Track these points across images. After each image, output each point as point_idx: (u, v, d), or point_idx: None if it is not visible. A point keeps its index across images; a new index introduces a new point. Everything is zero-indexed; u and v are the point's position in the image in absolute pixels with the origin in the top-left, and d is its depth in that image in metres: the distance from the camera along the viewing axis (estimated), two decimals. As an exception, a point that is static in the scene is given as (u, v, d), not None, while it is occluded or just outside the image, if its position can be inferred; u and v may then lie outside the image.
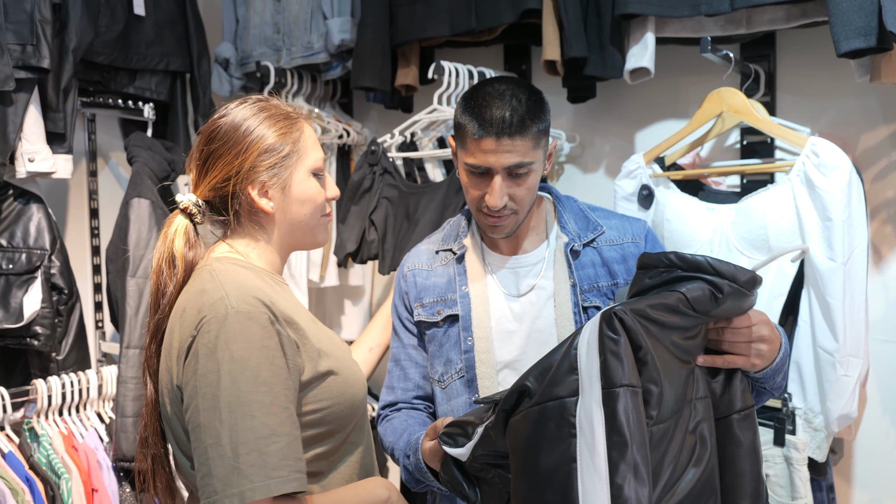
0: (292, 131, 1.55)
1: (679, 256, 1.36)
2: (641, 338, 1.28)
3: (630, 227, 1.88)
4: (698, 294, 1.31)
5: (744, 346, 1.44)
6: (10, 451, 2.41)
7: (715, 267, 1.33)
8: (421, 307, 1.89)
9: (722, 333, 1.44)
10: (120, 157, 3.20)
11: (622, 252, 1.84)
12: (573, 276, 1.80)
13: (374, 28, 2.74)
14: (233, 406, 1.32)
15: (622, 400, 1.24)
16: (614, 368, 1.26)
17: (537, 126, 1.69)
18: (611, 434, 1.24)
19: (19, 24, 2.47)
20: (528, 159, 1.69)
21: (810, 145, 2.07)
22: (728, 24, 2.29)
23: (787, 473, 2.12)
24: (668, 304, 1.32)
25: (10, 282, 2.63)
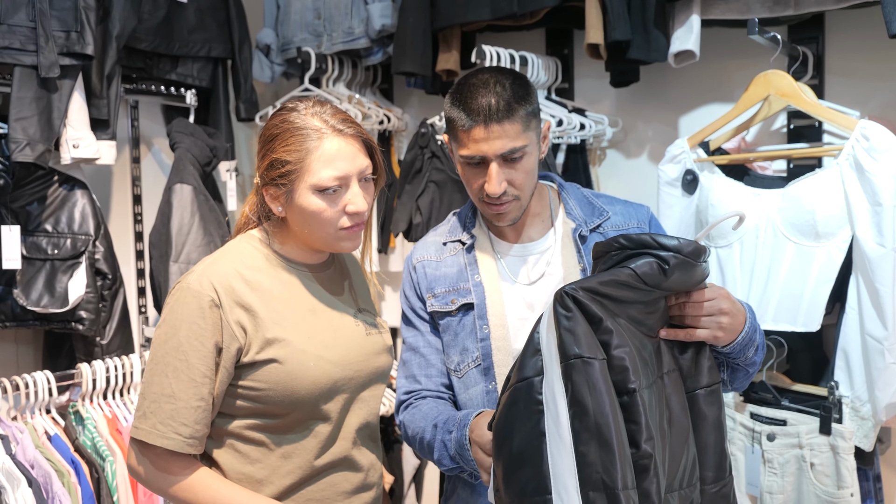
0: (301, 148, 1.58)
1: (626, 237, 1.42)
2: (597, 310, 1.34)
3: (634, 212, 1.88)
4: (646, 269, 1.37)
5: (705, 320, 1.47)
6: (56, 433, 2.45)
7: (659, 241, 1.38)
8: (433, 297, 1.88)
9: (683, 308, 1.48)
10: (162, 144, 3.23)
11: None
12: (583, 260, 1.79)
13: (415, 13, 2.73)
14: (156, 361, 1.57)
15: (578, 370, 1.30)
16: (568, 342, 1.32)
17: (525, 109, 1.69)
18: (572, 404, 1.30)
19: (64, 11, 2.49)
20: (520, 143, 1.69)
21: (860, 128, 2.03)
22: (776, 6, 2.25)
23: (834, 462, 2.10)
24: (618, 280, 1.37)
25: (55, 267, 2.66)
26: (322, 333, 1.65)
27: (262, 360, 1.58)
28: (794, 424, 2.19)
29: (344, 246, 1.66)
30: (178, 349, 1.55)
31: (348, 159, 1.60)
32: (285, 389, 1.58)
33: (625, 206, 1.89)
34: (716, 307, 1.47)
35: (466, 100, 1.69)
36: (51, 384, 2.47)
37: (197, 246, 2.67)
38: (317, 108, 1.62)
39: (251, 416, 1.61)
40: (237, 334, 1.57)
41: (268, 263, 1.66)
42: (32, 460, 2.30)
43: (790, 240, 2.14)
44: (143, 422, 1.55)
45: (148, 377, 1.58)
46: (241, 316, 1.58)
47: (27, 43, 2.43)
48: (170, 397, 1.54)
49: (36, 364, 2.88)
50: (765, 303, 2.18)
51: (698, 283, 1.47)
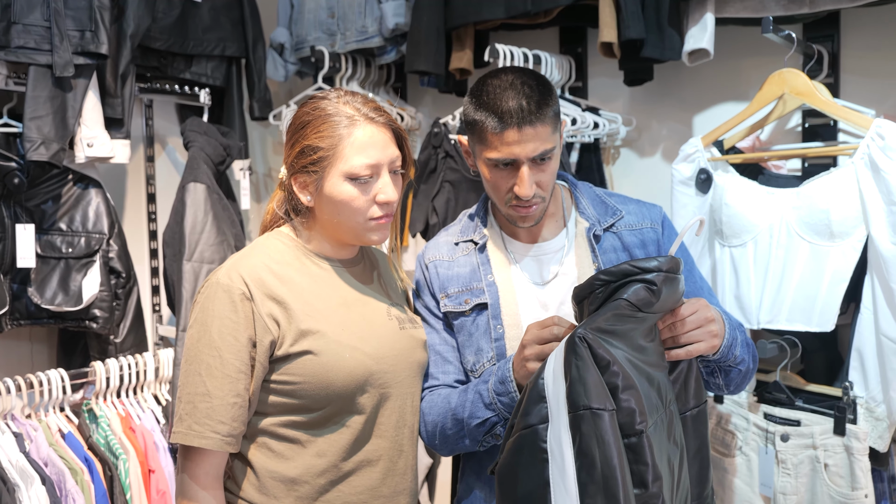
0: (333, 134, 1.59)
1: (606, 272, 1.43)
2: (606, 353, 1.34)
3: (648, 212, 1.87)
4: (639, 295, 1.39)
5: (697, 333, 1.50)
6: (70, 431, 2.46)
7: (640, 266, 1.41)
8: (447, 297, 1.87)
9: (673, 328, 1.50)
10: (176, 142, 3.24)
11: (641, 237, 1.83)
12: (597, 259, 1.79)
13: (428, 11, 2.73)
14: (189, 360, 1.56)
15: (587, 422, 1.30)
16: (578, 393, 1.31)
17: (552, 109, 1.69)
18: (579, 455, 1.30)
19: (78, 10, 2.50)
20: (551, 145, 1.69)
21: (875, 127, 2.02)
22: (790, 4, 2.24)
23: (848, 463, 2.09)
24: (617, 314, 1.38)
25: (69, 265, 2.68)
26: (356, 325, 1.64)
27: (297, 352, 1.57)
28: (808, 425, 2.18)
29: (371, 238, 1.66)
30: (210, 346, 1.54)
31: (380, 148, 1.61)
32: (321, 381, 1.57)
33: (638, 205, 1.89)
34: (702, 317, 1.50)
35: (495, 102, 1.66)
36: (65, 382, 2.49)
37: (210, 245, 2.68)
38: (348, 97, 1.64)
39: (285, 413, 1.60)
40: (270, 327, 1.56)
41: (297, 258, 1.66)
42: (46, 458, 2.32)
43: (804, 239, 2.13)
44: (179, 425, 1.55)
45: (183, 378, 1.57)
46: (273, 308, 1.57)
47: (42, 42, 2.44)
48: (204, 395, 1.53)
49: (50, 362, 2.90)
50: (779, 303, 2.17)
51: (679, 300, 1.49)
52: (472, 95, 1.73)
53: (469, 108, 1.72)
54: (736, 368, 1.63)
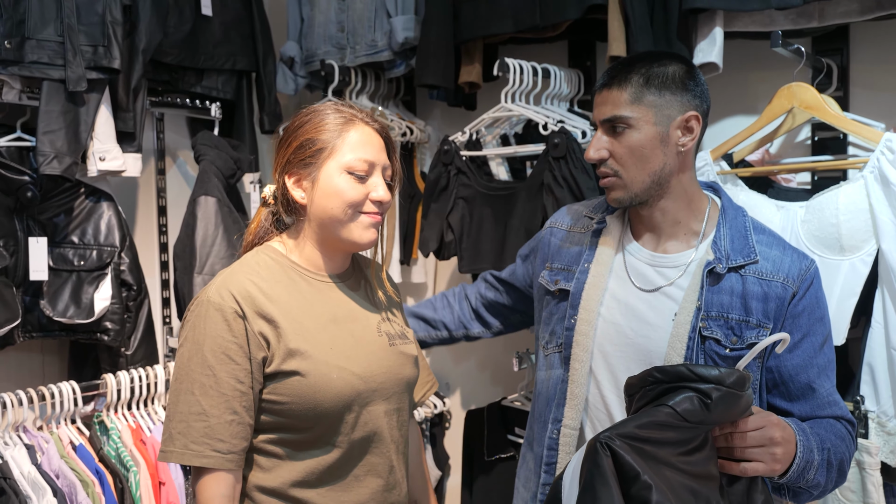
0: (333, 128, 1.63)
1: (660, 370, 1.31)
2: (636, 462, 1.19)
3: (790, 265, 1.69)
4: (687, 405, 1.25)
5: (758, 452, 1.37)
6: (81, 443, 2.46)
7: (698, 373, 1.27)
8: (548, 270, 1.88)
9: (731, 439, 1.37)
10: (187, 156, 3.25)
11: (767, 290, 1.66)
12: (701, 299, 1.66)
13: (437, 25, 2.74)
14: (181, 380, 1.54)
15: None
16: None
17: (643, 79, 1.65)
18: None
19: (91, 25, 2.52)
20: (624, 112, 1.65)
21: (885, 141, 2.02)
22: (799, 18, 2.24)
23: (860, 478, 2.08)
24: (657, 421, 1.24)
25: (81, 278, 2.69)
26: (343, 344, 1.63)
27: (285, 371, 1.56)
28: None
29: (362, 236, 1.65)
30: (203, 364, 1.53)
31: (376, 149, 1.65)
32: (308, 402, 1.56)
33: (783, 253, 1.72)
34: (766, 437, 1.38)
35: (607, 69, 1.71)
36: (76, 394, 2.49)
37: (221, 258, 2.69)
38: (343, 104, 1.68)
39: (273, 431, 1.60)
40: (262, 344, 1.56)
41: (285, 274, 1.65)
42: (58, 470, 2.32)
43: (814, 253, 2.13)
44: (170, 444, 1.53)
45: (174, 398, 1.55)
46: (263, 326, 1.57)
47: (55, 57, 2.46)
48: (200, 415, 1.52)
49: (61, 374, 2.90)
50: (789, 316, 2.17)
51: (743, 413, 1.36)
52: None
53: None
54: (807, 491, 1.51)
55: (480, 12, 2.67)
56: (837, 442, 1.58)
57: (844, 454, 1.59)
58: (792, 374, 1.65)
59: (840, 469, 1.58)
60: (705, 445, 1.32)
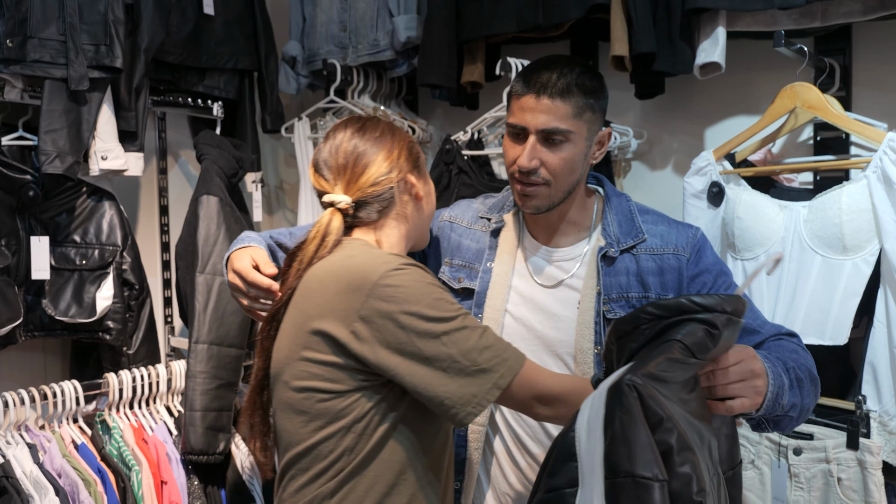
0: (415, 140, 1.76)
1: (656, 305, 1.20)
2: (659, 406, 1.09)
3: (676, 236, 1.77)
4: (697, 337, 1.15)
5: (741, 387, 1.30)
6: (83, 442, 2.47)
7: (699, 303, 1.17)
8: (448, 266, 1.88)
9: (713, 378, 1.29)
10: (189, 155, 3.25)
11: (660, 263, 1.74)
12: (600, 283, 1.73)
13: (440, 25, 2.74)
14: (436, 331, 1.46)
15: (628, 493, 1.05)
16: (620, 455, 1.06)
17: (583, 98, 1.66)
18: None
19: (93, 24, 2.52)
20: (565, 126, 1.65)
21: (888, 141, 2.02)
22: (802, 18, 2.24)
23: (861, 478, 2.08)
24: (673, 358, 1.14)
25: (83, 277, 2.69)
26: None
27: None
28: (821, 439, 2.17)
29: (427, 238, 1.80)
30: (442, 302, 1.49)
31: None
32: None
33: (669, 227, 1.79)
34: (747, 369, 1.31)
35: (532, 71, 1.69)
36: (78, 394, 2.50)
37: (223, 257, 2.68)
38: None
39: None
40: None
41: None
42: (60, 469, 2.33)
43: (817, 253, 2.13)
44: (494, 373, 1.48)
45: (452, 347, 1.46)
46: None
47: (57, 56, 2.46)
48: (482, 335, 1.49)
49: (63, 374, 2.91)
50: (792, 316, 2.16)
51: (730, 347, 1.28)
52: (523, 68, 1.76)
53: (514, 78, 1.76)
54: (787, 416, 1.46)
55: (483, 12, 2.66)
56: (794, 356, 1.55)
57: (805, 363, 1.56)
58: None
59: (813, 381, 1.55)
60: (697, 385, 1.25)
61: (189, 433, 2.57)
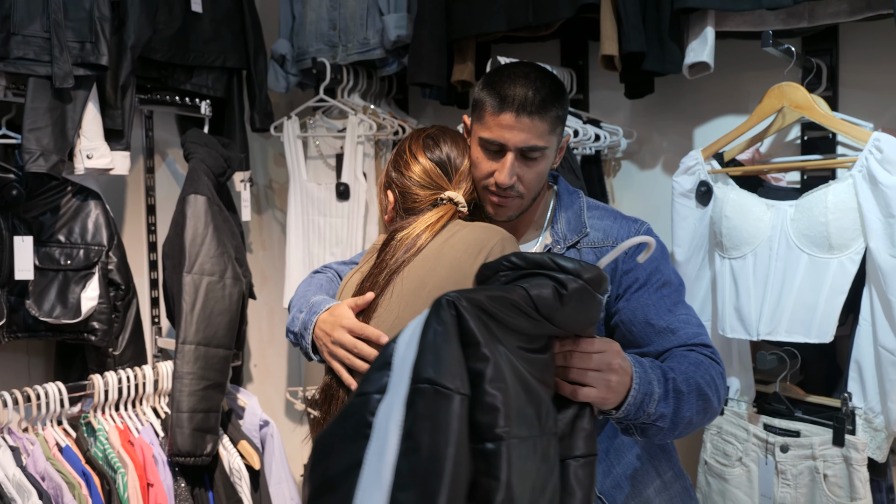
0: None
1: (520, 256, 1.21)
2: (479, 331, 1.09)
3: (618, 230, 1.79)
4: (542, 291, 1.15)
5: (594, 377, 1.29)
6: (68, 445, 2.45)
7: (558, 262, 1.18)
8: None
9: (570, 358, 1.28)
10: (177, 154, 3.23)
11: (599, 256, 1.76)
12: None
13: (430, 24, 2.73)
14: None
15: (426, 399, 1.04)
16: (426, 362, 1.06)
17: (556, 111, 1.68)
18: (405, 438, 1.04)
19: (78, 21, 2.50)
20: (543, 143, 1.68)
21: (873, 140, 2.04)
22: (790, 18, 2.25)
23: (847, 474, 2.10)
24: (510, 299, 1.13)
25: (68, 277, 2.67)
26: None
27: None
28: (808, 436, 2.18)
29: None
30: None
31: None
32: None
33: (614, 222, 1.81)
34: (605, 361, 1.31)
35: (504, 85, 1.67)
36: (62, 395, 2.48)
37: (210, 257, 2.67)
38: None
39: None
40: None
41: None
42: (43, 472, 2.31)
43: (804, 251, 2.14)
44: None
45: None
46: None
47: (42, 53, 2.44)
48: None
49: (47, 375, 2.88)
50: (778, 314, 2.18)
51: (591, 324, 1.27)
52: (485, 77, 1.75)
53: (478, 87, 1.74)
54: (654, 426, 1.44)
55: (473, 11, 2.66)
56: (688, 370, 1.54)
57: (702, 378, 1.53)
58: (631, 318, 1.68)
59: (700, 395, 1.52)
60: (546, 351, 1.23)
61: (176, 435, 2.55)
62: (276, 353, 3.71)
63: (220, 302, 2.66)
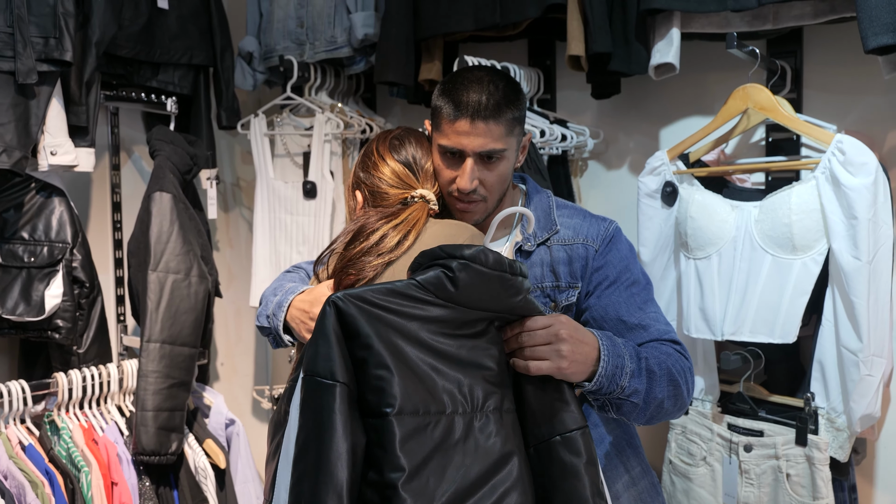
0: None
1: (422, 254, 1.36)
2: (360, 323, 1.25)
3: (588, 228, 1.82)
4: (429, 276, 1.30)
5: (542, 349, 1.38)
6: (31, 443, 2.42)
7: (448, 251, 1.32)
8: None
9: (520, 339, 1.40)
10: (143, 151, 3.21)
11: (570, 253, 1.79)
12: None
13: (397, 22, 2.73)
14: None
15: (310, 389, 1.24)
16: (309, 356, 1.26)
17: (512, 113, 1.69)
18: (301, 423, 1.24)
19: (42, 17, 2.47)
20: (501, 146, 1.69)
21: (836, 143, 2.05)
22: (755, 20, 2.27)
23: (809, 473, 2.11)
24: (394, 290, 1.29)
25: (31, 275, 2.64)
26: None
27: None
28: (771, 435, 2.20)
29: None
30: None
31: None
32: None
33: (583, 220, 1.84)
34: (552, 333, 1.39)
35: (458, 91, 1.69)
36: (26, 393, 2.45)
37: (176, 254, 2.65)
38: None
39: None
40: None
41: None
42: (5, 471, 2.28)
43: (767, 252, 2.15)
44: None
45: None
46: None
47: (4, 49, 2.41)
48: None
49: (11, 373, 2.85)
50: (742, 314, 2.19)
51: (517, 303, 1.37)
52: (441, 83, 1.76)
53: (435, 94, 1.76)
54: (628, 401, 1.51)
55: (441, 10, 2.66)
56: (661, 356, 1.60)
57: (673, 367, 1.60)
58: (602, 314, 1.73)
59: (671, 380, 1.58)
60: (483, 336, 1.36)
61: (140, 433, 2.53)
62: (242, 352, 3.69)
63: (185, 300, 2.64)
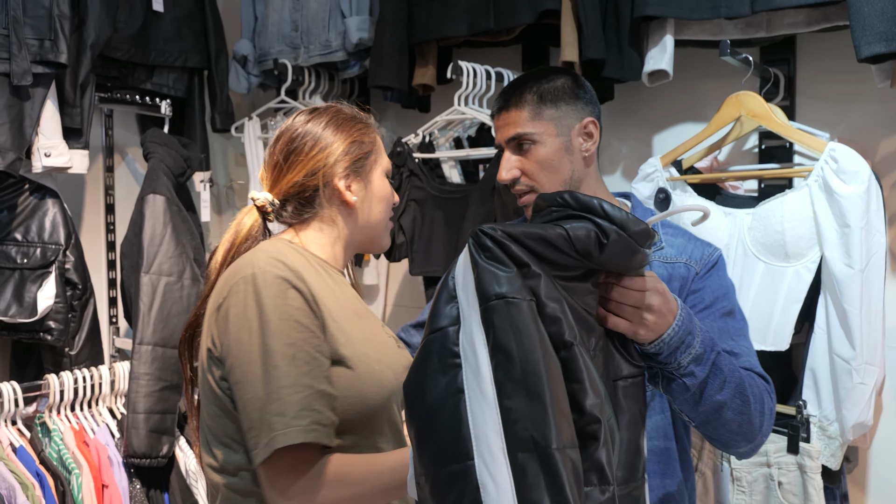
0: (370, 132, 1.64)
1: (573, 196, 1.23)
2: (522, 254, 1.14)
3: (693, 249, 1.76)
4: (582, 233, 1.17)
5: (629, 311, 1.30)
6: (22, 445, 2.42)
7: (606, 211, 1.20)
8: None
9: (610, 290, 1.29)
10: (136, 153, 3.21)
11: (671, 271, 1.72)
12: None
13: (392, 27, 2.73)
14: (261, 358, 1.38)
15: (500, 313, 1.10)
16: (488, 282, 1.12)
17: (535, 96, 1.72)
18: (494, 352, 1.09)
19: (37, 18, 2.47)
20: (529, 129, 1.71)
21: (829, 150, 2.05)
22: (748, 28, 2.27)
23: (801, 481, 2.11)
24: (545, 237, 1.17)
25: (24, 276, 2.64)
26: (372, 339, 1.55)
27: (335, 359, 1.45)
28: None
29: (385, 241, 1.69)
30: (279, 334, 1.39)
31: None
32: (356, 395, 1.45)
33: (689, 241, 1.78)
34: (644, 301, 1.30)
35: (499, 94, 1.78)
36: (17, 395, 2.45)
37: (168, 257, 2.65)
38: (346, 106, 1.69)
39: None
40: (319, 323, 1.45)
41: (310, 264, 1.52)
42: (-4, 472, 2.28)
43: (760, 259, 2.16)
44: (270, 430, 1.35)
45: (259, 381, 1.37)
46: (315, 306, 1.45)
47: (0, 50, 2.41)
48: (293, 387, 1.36)
49: (3, 374, 2.85)
50: (735, 321, 2.19)
51: (634, 270, 1.29)
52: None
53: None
54: (680, 380, 1.42)
55: (435, 15, 2.67)
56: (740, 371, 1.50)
57: (749, 385, 1.51)
58: None
59: (740, 392, 1.48)
60: (588, 279, 1.25)
61: (132, 436, 2.53)
62: (237, 355, 3.68)
63: (177, 303, 2.65)
